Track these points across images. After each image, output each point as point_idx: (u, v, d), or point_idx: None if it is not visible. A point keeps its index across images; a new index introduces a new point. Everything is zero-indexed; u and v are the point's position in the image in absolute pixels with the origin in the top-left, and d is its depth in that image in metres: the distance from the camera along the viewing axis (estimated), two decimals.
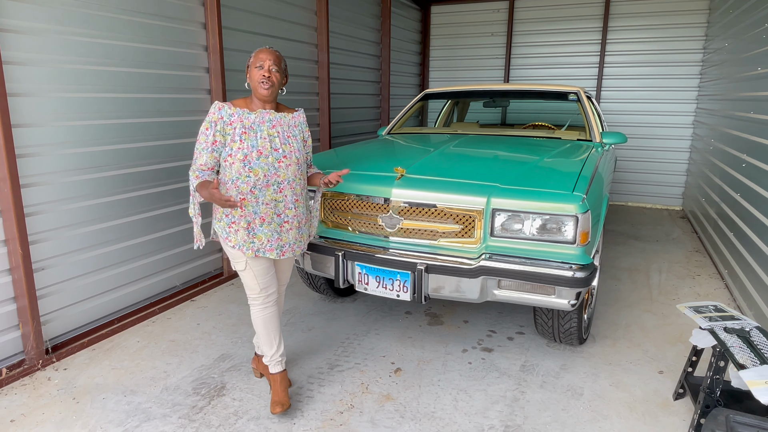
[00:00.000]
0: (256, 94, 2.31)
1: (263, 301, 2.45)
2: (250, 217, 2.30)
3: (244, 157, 2.24)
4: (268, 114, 2.33)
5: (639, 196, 7.51)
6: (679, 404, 2.59)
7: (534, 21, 7.64)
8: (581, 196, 2.49)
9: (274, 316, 2.50)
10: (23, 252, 2.71)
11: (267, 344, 2.52)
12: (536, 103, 7.69)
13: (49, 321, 2.99)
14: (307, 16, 5.17)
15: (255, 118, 2.29)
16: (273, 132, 2.32)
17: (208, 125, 2.26)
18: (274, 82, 2.28)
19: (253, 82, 2.29)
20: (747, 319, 2.38)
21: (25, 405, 2.54)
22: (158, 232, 3.63)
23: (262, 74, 2.26)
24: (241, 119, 2.27)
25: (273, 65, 2.28)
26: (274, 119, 2.34)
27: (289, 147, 2.36)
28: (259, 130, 2.29)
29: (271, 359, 2.52)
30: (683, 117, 7.05)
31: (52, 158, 2.91)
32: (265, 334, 2.50)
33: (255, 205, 2.29)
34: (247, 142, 2.26)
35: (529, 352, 3.10)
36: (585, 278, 2.42)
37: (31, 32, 2.75)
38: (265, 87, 2.26)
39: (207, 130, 2.26)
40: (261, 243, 2.33)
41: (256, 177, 2.26)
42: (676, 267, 4.70)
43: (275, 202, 2.33)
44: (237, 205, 2.09)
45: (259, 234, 2.32)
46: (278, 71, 2.30)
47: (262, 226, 2.32)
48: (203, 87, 3.90)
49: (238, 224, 2.30)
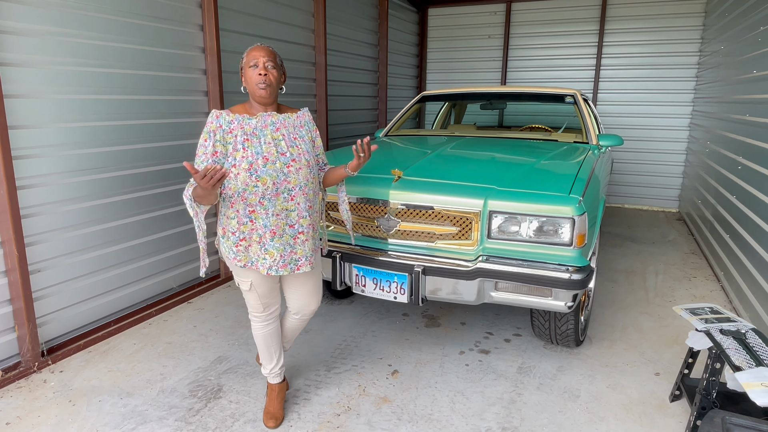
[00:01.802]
0: (254, 97, 2.14)
1: (265, 319, 2.36)
2: (261, 231, 2.11)
3: (249, 165, 2.05)
4: (270, 117, 2.15)
5: (635, 198, 7.54)
6: (676, 406, 2.59)
7: (531, 24, 7.67)
8: (578, 198, 2.50)
9: (275, 332, 2.41)
10: (19, 254, 2.70)
11: (266, 358, 2.45)
12: (533, 106, 7.71)
13: (45, 323, 2.98)
14: (305, 19, 5.17)
15: (256, 122, 2.11)
16: (277, 135, 2.14)
17: (207, 135, 2.07)
18: (271, 80, 2.10)
19: (249, 84, 2.11)
20: (743, 321, 2.39)
21: (21, 407, 2.53)
22: (155, 234, 3.63)
23: (257, 73, 2.08)
24: (241, 125, 2.09)
25: (268, 62, 2.09)
26: (278, 121, 2.16)
27: (297, 149, 2.16)
28: (262, 135, 2.10)
29: (270, 372, 2.47)
30: (679, 119, 7.08)
31: (48, 160, 2.91)
32: (265, 349, 2.42)
33: (265, 218, 2.10)
34: (251, 149, 2.07)
35: (526, 354, 3.11)
36: (582, 280, 2.43)
37: (28, 34, 2.75)
38: (262, 87, 2.09)
39: (206, 141, 2.07)
40: (273, 259, 2.13)
41: (265, 186, 2.07)
42: (673, 269, 4.71)
43: (287, 212, 2.13)
44: (223, 172, 1.80)
45: (270, 249, 2.12)
46: (275, 68, 2.12)
47: (273, 240, 2.12)
48: (200, 89, 3.90)
49: (248, 240, 2.12)
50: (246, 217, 2.10)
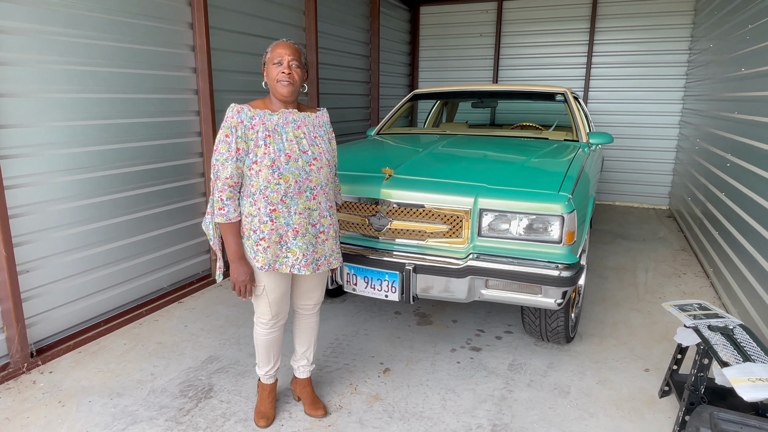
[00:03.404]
0: (275, 94, 2.10)
1: (272, 326, 2.31)
2: (282, 230, 2.08)
3: (271, 162, 2.01)
4: (292, 114, 2.12)
5: (626, 195, 7.58)
6: (665, 402, 2.61)
7: (522, 22, 7.69)
8: (567, 195, 2.51)
9: (278, 339, 2.37)
10: (7, 254, 2.68)
11: (264, 361, 2.39)
12: (524, 104, 7.73)
13: (34, 324, 2.96)
14: (296, 16, 5.16)
15: (278, 119, 2.08)
16: (299, 133, 2.11)
17: (228, 131, 2.01)
18: (295, 79, 2.06)
19: (271, 80, 2.08)
20: (731, 317, 2.41)
21: (9, 409, 2.51)
22: (145, 234, 3.61)
23: (281, 71, 2.04)
24: (263, 121, 2.05)
25: (293, 60, 2.05)
26: (299, 119, 2.14)
27: (318, 148, 2.14)
28: (284, 131, 2.07)
29: (265, 374, 2.42)
30: (669, 117, 7.13)
31: (37, 159, 2.88)
32: (265, 354, 2.37)
33: (287, 216, 2.07)
34: (273, 146, 2.03)
35: (517, 351, 3.12)
36: (571, 277, 2.44)
37: (16, 32, 2.72)
38: (285, 85, 2.05)
39: (227, 137, 2.01)
40: (296, 258, 2.11)
41: (287, 184, 2.04)
42: (663, 266, 4.75)
43: (309, 211, 2.11)
44: (248, 296, 2.15)
45: (293, 248, 2.10)
46: (299, 66, 2.08)
47: (296, 239, 2.10)
48: (190, 87, 3.87)
49: (268, 240, 2.08)
50: (267, 216, 2.06)
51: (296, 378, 2.55)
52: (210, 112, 3.95)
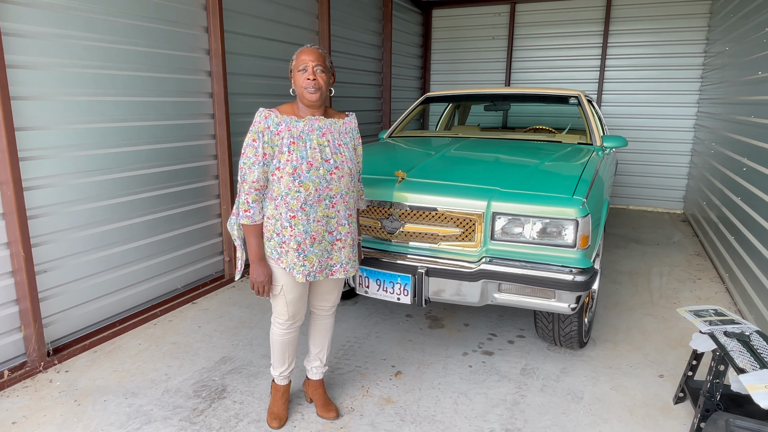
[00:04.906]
0: (302, 100, 2.11)
1: (288, 327, 2.33)
2: (300, 237, 2.10)
3: (293, 170, 2.04)
4: (318, 121, 2.13)
5: (640, 199, 7.52)
6: (680, 408, 2.59)
7: (535, 25, 7.66)
8: (581, 200, 2.50)
9: (294, 340, 2.38)
10: (26, 254, 2.73)
11: (279, 362, 2.41)
12: (537, 107, 7.70)
13: (51, 323, 3.00)
14: (309, 20, 5.19)
15: (303, 125, 2.10)
16: (323, 141, 2.12)
17: (255, 136, 2.05)
18: (320, 85, 2.07)
19: (297, 87, 2.09)
20: (747, 323, 2.38)
21: (26, 407, 2.55)
22: (160, 235, 3.65)
23: (306, 78, 2.05)
24: (288, 128, 2.07)
25: (317, 66, 2.06)
26: (324, 126, 2.14)
27: (341, 156, 2.15)
28: (308, 139, 2.09)
29: (279, 375, 2.44)
30: (684, 120, 7.06)
31: (55, 161, 2.93)
32: (280, 354, 2.39)
33: (305, 224, 2.09)
34: (296, 153, 2.05)
35: (530, 356, 3.11)
36: (585, 282, 2.43)
37: (35, 36, 2.77)
38: (311, 92, 2.06)
39: (254, 141, 2.05)
40: (312, 265, 2.14)
41: (307, 192, 2.06)
42: (677, 270, 4.70)
43: (327, 219, 2.13)
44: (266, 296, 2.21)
45: (310, 256, 2.12)
46: (323, 71, 2.09)
47: (313, 246, 2.12)
48: (205, 90, 3.91)
49: (287, 245, 2.11)
50: (287, 221, 2.09)
51: (308, 380, 2.57)
52: (224, 115, 3.99)
